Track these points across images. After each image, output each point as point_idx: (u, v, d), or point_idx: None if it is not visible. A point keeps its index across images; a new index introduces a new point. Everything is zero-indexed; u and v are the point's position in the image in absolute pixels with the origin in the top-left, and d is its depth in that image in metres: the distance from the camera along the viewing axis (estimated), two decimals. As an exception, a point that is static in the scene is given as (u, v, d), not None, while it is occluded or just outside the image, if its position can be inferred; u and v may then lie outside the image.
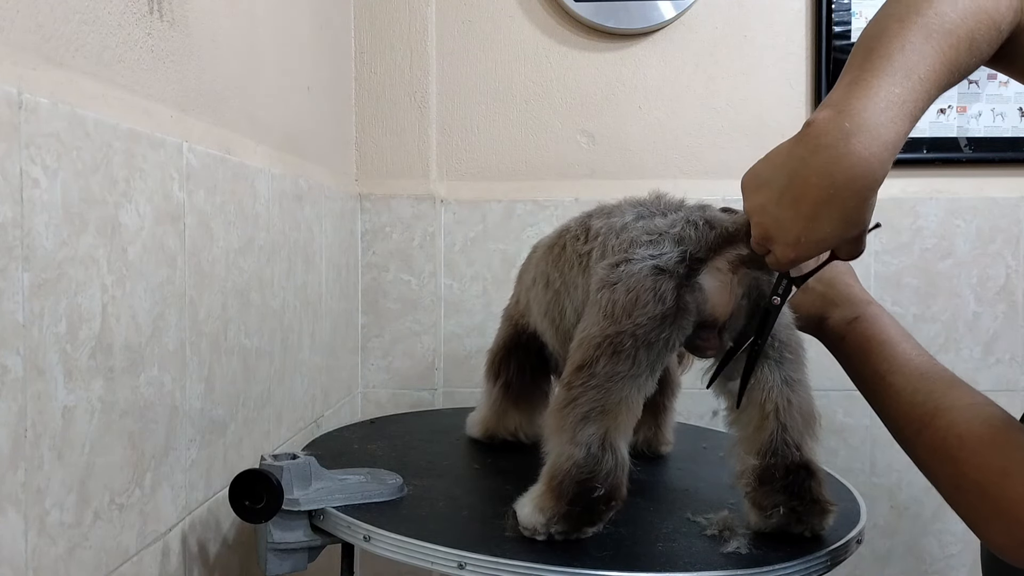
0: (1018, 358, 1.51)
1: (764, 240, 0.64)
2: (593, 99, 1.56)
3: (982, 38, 0.59)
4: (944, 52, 0.58)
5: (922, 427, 0.67)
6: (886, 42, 0.58)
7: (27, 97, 0.56)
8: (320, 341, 1.29)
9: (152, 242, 0.74)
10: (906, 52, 0.57)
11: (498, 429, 1.05)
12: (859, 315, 0.78)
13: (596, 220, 0.81)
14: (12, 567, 0.56)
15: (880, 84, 0.57)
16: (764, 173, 0.63)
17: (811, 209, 0.59)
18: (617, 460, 0.70)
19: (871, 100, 0.57)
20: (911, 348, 0.74)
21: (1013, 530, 0.59)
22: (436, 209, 1.54)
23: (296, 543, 0.79)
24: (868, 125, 0.56)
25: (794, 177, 0.59)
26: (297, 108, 1.21)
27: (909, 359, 0.72)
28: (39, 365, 0.58)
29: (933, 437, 0.66)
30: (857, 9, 1.51)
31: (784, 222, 0.61)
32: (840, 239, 0.61)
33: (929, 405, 0.67)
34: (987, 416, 0.64)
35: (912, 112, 0.58)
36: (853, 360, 0.77)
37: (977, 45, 0.60)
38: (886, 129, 0.56)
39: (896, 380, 0.71)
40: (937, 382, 0.69)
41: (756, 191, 0.63)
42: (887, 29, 0.59)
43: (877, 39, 0.59)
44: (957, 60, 0.59)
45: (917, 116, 0.59)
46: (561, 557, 0.68)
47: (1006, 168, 1.53)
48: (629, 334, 0.69)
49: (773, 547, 0.72)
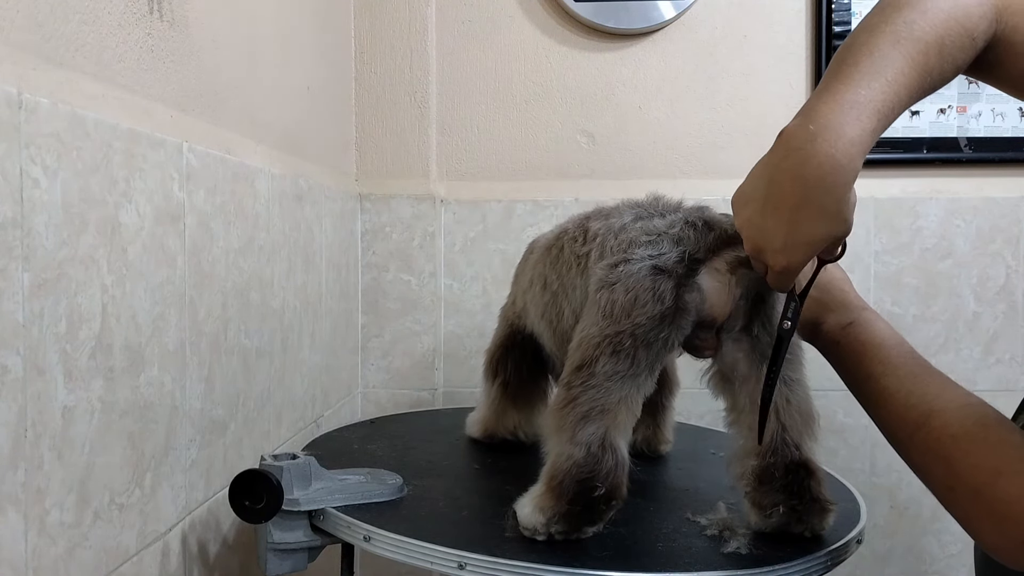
0: (1018, 358, 1.51)
1: (756, 252, 0.65)
2: (593, 99, 1.56)
3: (953, 44, 0.61)
4: (913, 57, 0.60)
5: (915, 429, 0.67)
6: (855, 51, 0.61)
7: (27, 97, 0.56)
8: (320, 341, 1.29)
9: (152, 242, 0.74)
10: (873, 58, 0.60)
11: (497, 428, 1.05)
12: (853, 320, 0.78)
13: (594, 222, 0.81)
14: (12, 567, 0.56)
15: (845, 88, 0.60)
16: (747, 188, 0.65)
17: (791, 212, 0.61)
18: (617, 459, 0.70)
19: (835, 103, 0.59)
20: (905, 351, 0.74)
21: (1006, 529, 0.59)
22: (436, 209, 1.54)
23: (296, 543, 0.79)
24: (831, 125, 0.59)
25: (771, 185, 0.62)
26: (297, 108, 1.21)
27: (903, 362, 0.72)
28: (39, 365, 0.58)
29: (927, 438, 0.66)
30: (857, 9, 1.51)
31: (769, 230, 0.63)
32: (825, 238, 0.62)
33: (922, 407, 0.67)
34: (980, 416, 0.64)
35: (880, 110, 0.60)
36: (847, 364, 0.77)
37: (949, 51, 0.61)
38: (850, 127, 0.58)
39: (889, 383, 0.71)
40: (930, 384, 0.69)
41: (743, 207, 0.65)
42: (857, 40, 0.62)
43: (848, 50, 0.62)
44: (928, 64, 0.61)
45: (888, 114, 0.60)
46: (561, 557, 0.68)
47: (1006, 168, 1.53)
48: (628, 334, 0.69)
49: (773, 547, 0.72)
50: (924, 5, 0.61)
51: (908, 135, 1.52)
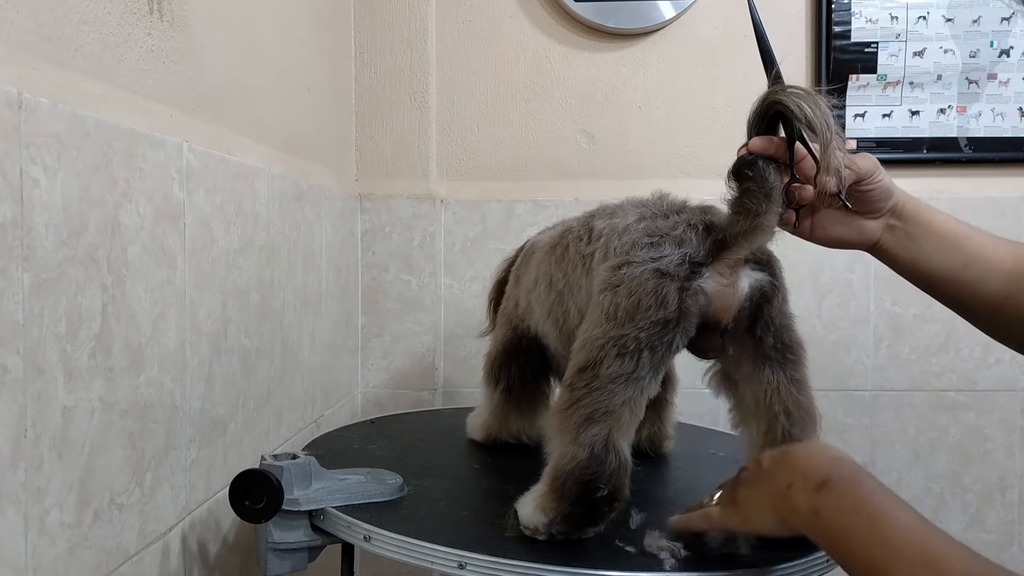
0: (1018, 358, 1.51)
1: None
2: (593, 99, 1.56)
3: None
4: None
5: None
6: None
7: (27, 97, 0.56)
8: (320, 341, 1.29)
9: (152, 242, 0.74)
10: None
11: (500, 433, 1.05)
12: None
13: (599, 220, 0.81)
14: (12, 567, 0.56)
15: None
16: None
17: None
18: (620, 461, 0.70)
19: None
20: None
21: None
22: (436, 209, 1.54)
23: (296, 543, 0.79)
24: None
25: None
26: (297, 108, 1.21)
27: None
28: (39, 365, 0.58)
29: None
30: (857, 9, 1.51)
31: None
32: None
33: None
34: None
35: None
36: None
37: None
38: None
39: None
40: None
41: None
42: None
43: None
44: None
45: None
46: (561, 557, 0.68)
47: (1006, 168, 1.53)
48: (632, 337, 0.69)
49: (773, 547, 0.72)
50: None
51: (908, 135, 1.52)
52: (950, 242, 0.77)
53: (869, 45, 1.52)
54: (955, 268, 0.77)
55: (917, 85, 1.52)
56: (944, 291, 0.79)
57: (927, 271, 0.78)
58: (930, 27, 1.51)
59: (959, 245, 0.77)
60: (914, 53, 1.51)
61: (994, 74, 1.51)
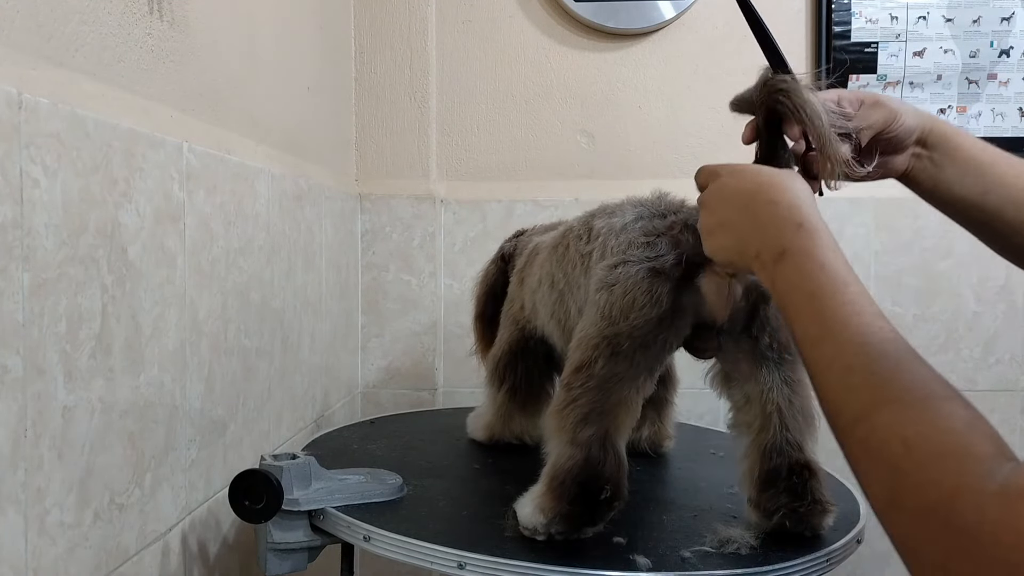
0: (1018, 358, 1.51)
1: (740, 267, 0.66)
2: (593, 99, 1.56)
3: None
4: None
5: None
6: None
7: (27, 97, 0.56)
8: (320, 341, 1.29)
9: (152, 242, 0.74)
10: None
11: (503, 434, 1.05)
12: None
13: (598, 220, 0.81)
14: (12, 567, 0.56)
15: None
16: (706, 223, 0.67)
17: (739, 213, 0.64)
18: (618, 460, 0.70)
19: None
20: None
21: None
22: (436, 209, 1.54)
23: (296, 543, 0.79)
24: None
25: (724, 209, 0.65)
26: (297, 108, 1.21)
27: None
28: (39, 365, 0.58)
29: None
30: (857, 9, 1.51)
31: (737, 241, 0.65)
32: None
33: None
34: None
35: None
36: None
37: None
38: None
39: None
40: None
41: (708, 239, 0.67)
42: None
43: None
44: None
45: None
46: (561, 557, 0.68)
47: (1006, 168, 1.53)
48: (626, 336, 0.69)
49: (773, 547, 0.72)
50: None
51: (908, 135, 1.52)
52: (973, 169, 0.76)
53: (869, 45, 1.52)
54: (975, 196, 0.76)
55: (917, 85, 1.52)
56: (966, 218, 0.78)
57: (948, 198, 0.77)
58: (930, 27, 1.51)
59: (981, 172, 0.76)
60: (914, 53, 1.51)
61: (994, 74, 1.51)
